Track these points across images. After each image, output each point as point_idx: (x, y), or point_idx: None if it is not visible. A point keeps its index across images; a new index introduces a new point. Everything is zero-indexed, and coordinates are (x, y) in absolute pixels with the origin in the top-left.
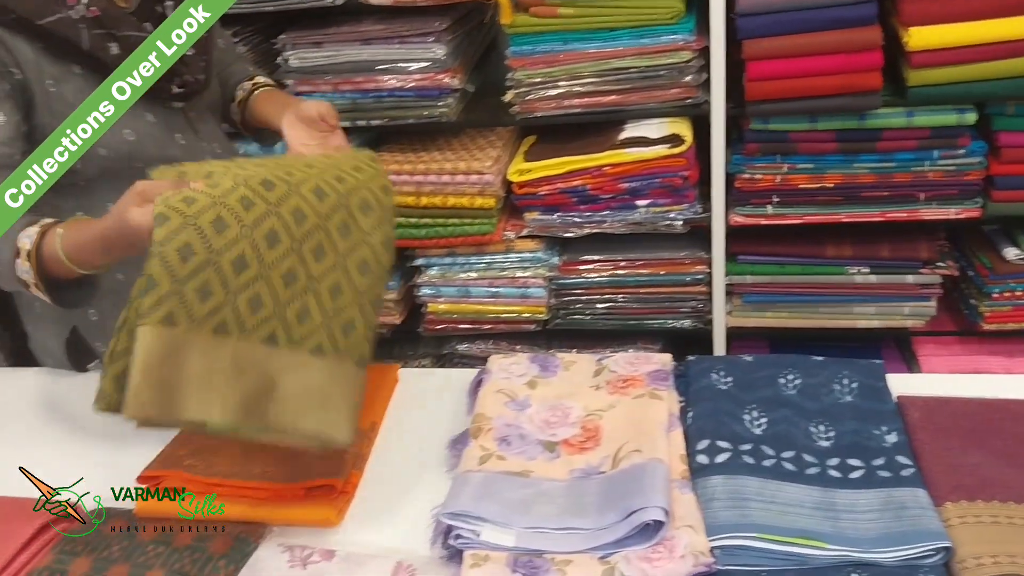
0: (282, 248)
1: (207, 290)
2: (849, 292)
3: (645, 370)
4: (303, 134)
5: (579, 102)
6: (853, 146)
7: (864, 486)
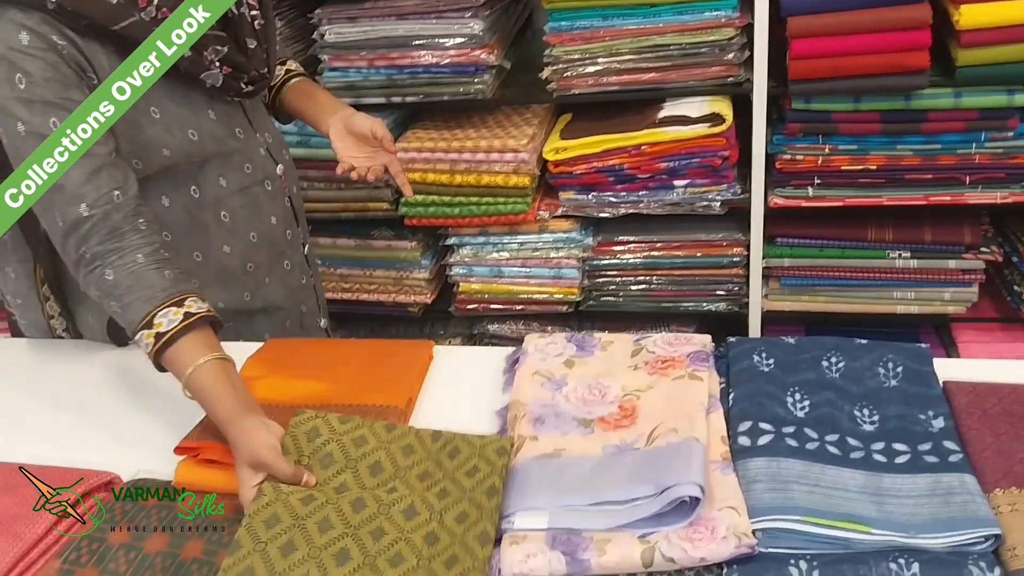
0: None
1: None
2: (889, 277)
3: (685, 351)
4: (352, 147)
5: (617, 79)
6: (897, 127)
7: (910, 471)
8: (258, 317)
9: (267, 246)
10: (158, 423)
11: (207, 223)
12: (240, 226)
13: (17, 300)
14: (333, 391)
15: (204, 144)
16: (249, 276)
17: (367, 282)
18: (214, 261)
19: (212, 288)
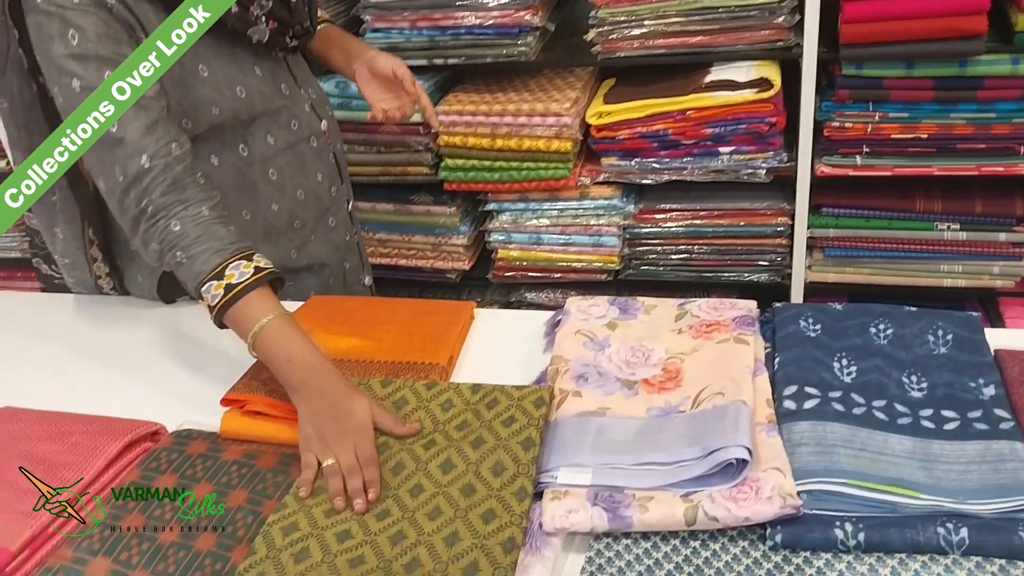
0: None
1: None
2: (936, 249)
3: (730, 315)
4: (378, 91)
5: (664, 42)
6: (951, 95)
7: (960, 438)
8: (303, 274)
9: (313, 203)
10: (204, 376)
11: (256, 181)
12: (287, 183)
13: (65, 260)
14: (376, 348)
15: (252, 101)
16: (296, 233)
17: (405, 247)
18: (262, 219)
19: (260, 246)
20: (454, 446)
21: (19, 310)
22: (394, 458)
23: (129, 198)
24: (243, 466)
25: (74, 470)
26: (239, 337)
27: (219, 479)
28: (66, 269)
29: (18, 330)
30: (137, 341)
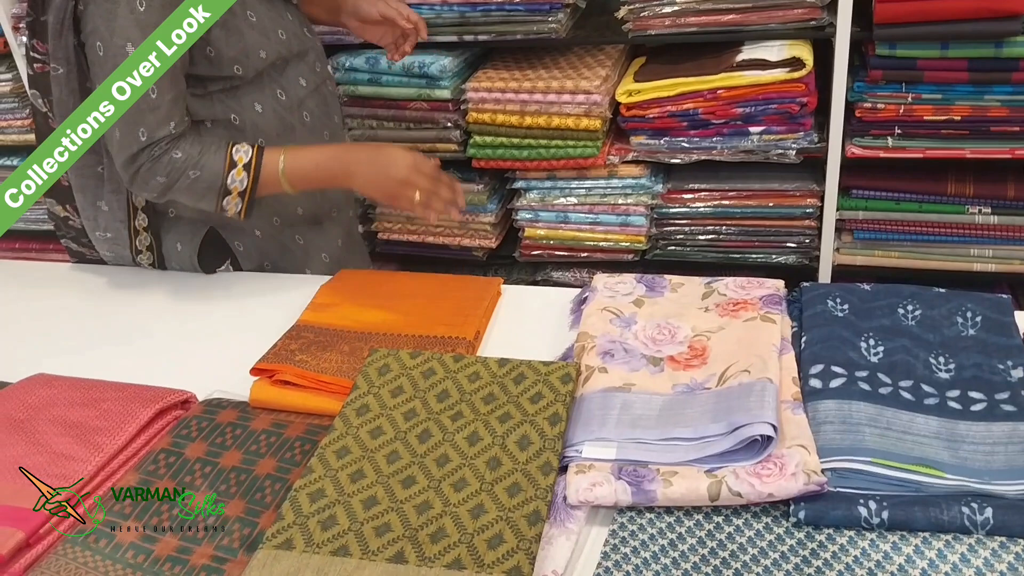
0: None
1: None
2: (967, 233)
3: (757, 294)
4: (380, 34)
5: (695, 20)
6: (986, 76)
7: (986, 419)
8: (327, 224)
9: (333, 136)
10: (235, 346)
11: (294, 124)
12: (317, 125)
13: (107, 234)
14: (404, 322)
15: (290, 43)
16: None
17: (433, 224)
18: None
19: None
20: (481, 419)
21: (53, 280)
22: (421, 426)
23: (144, 155)
24: (271, 435)
25: (107, 435)
26: (275, 192)
27: (248, 447)
28: (107, 244)
29: (53, 299)
30: (168, 311)
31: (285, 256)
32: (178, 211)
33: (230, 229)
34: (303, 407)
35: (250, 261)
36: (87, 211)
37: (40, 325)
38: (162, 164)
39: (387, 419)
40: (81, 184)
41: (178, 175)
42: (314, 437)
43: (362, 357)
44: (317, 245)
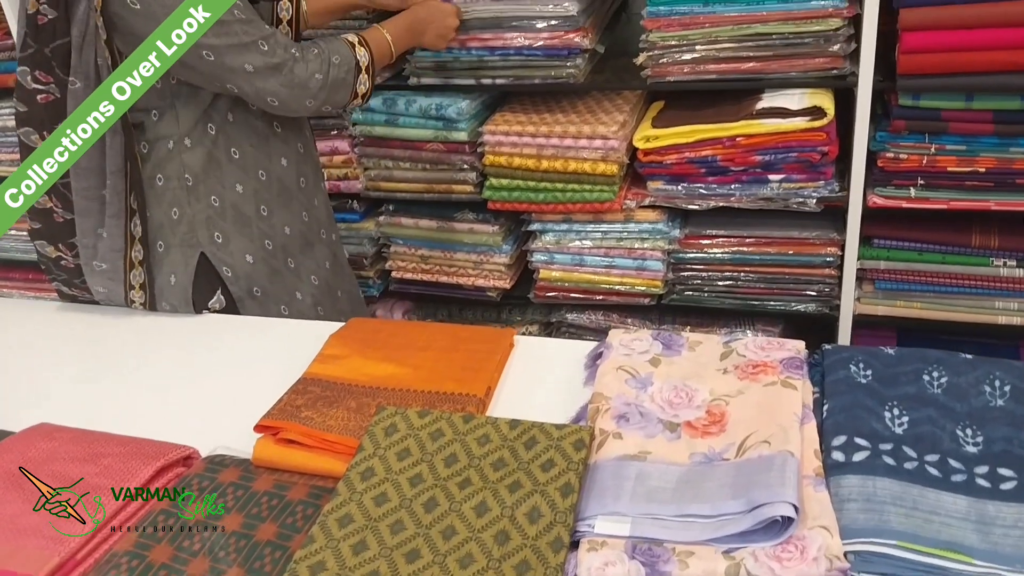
0: None
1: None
2: (992, 285)
3: (777, 356)
4: None
5: (715, 68)
6: (1011, 128)
7: (1016, 499)
8: (317, 246)
9: (310, 160)
10: (238, 400)
11: (267, 134)
12: (291, 136)
13: (103, 265)
14: (413, 376)
15: None
16: (303, 193)
17: (447, 264)
18: (276, 177)
19: (278, 212)
20: (490, 488)
21: (46, 319)
22: (427, 493)
23: (292, 62)
24: (273, 497)
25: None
26: (386, 62)
27: (249, 510)
28: (101, 278)
29: (47, 340)
30: (170, 358)
31: (275, 281)
32: (167, 243)
33: (219, 255)
34: (307, 468)
35: (239, 287)
36: (87, 239)
37: (35, 367)
38: (309, 63)
39: (392, 484)
40: (85, 207)
41: (328, 66)
42: (317, 501)
43: (369, 414)
44: (307, 268)
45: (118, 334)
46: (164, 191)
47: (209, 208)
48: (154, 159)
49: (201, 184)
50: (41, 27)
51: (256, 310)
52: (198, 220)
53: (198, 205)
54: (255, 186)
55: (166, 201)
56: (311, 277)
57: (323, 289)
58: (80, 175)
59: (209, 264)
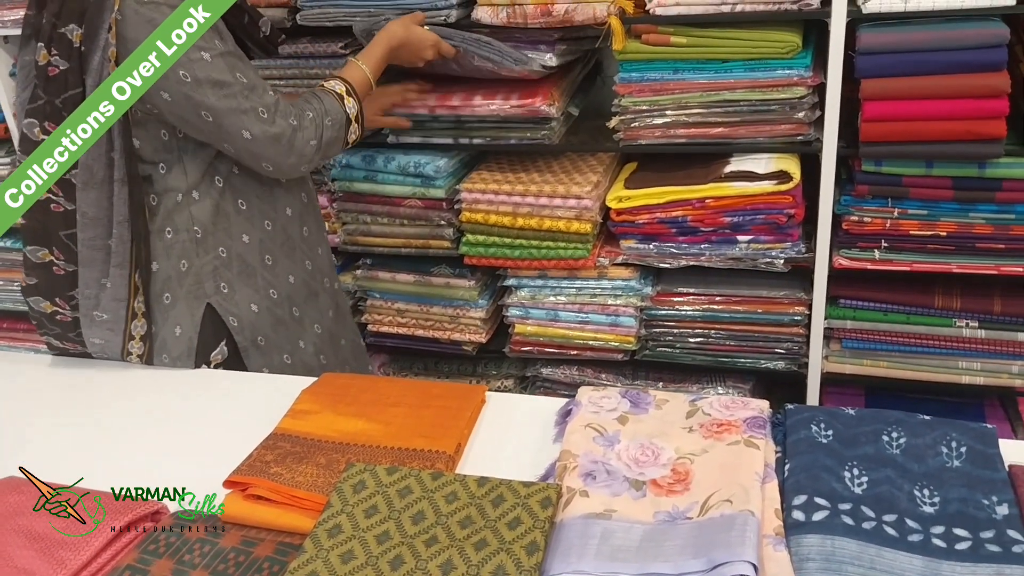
0: None
1: None
2: (955, 346)
3: (742, 416)
4: None
5: (685, 132)
6: (970, 195)
7: (971, 559)
8: (321, 296)
9: (312, 210)
10: (209, 455)
11: (272, 184)
12: (294, 185)
13: (104, 315)
14: (383, 432)
15: None
16: (305, 242)
17: (424, 318)
18: (280, 226)
19: (282, 261)
20: (456, 546)
21: (34, 372)
22: (394, 551)
23: (291, 131)
24: (240, 553)
25: (71, 550)
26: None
27: (215, 566)
28: (100, 329)
29: (30, 392)
30: (145, 411)
31: (279, 330)
32: (174, 295)
33: (225, 305)
34: (276, 524)
35: (244, 337)
36: (89, 289)
37: (15, 419)
38: (305, 130)
39: (359, 541)
40: (89, 257)
41: (321, 129)
42: (284, 558)
43: (338, 471)
44: (311, 317)
45: (95, 387)
46: (173, 243)
47: (216, 259)
48: (163, 211)
49: (210, 236)
50: (52, 78)
51: (260, 359)
52: (205, 271)
53: (206, 256)
54: (261, 236)
55: (175, 254)
56: (315, 326)
57: (325, 338)
58: (87, 225)
59: (215, 314)
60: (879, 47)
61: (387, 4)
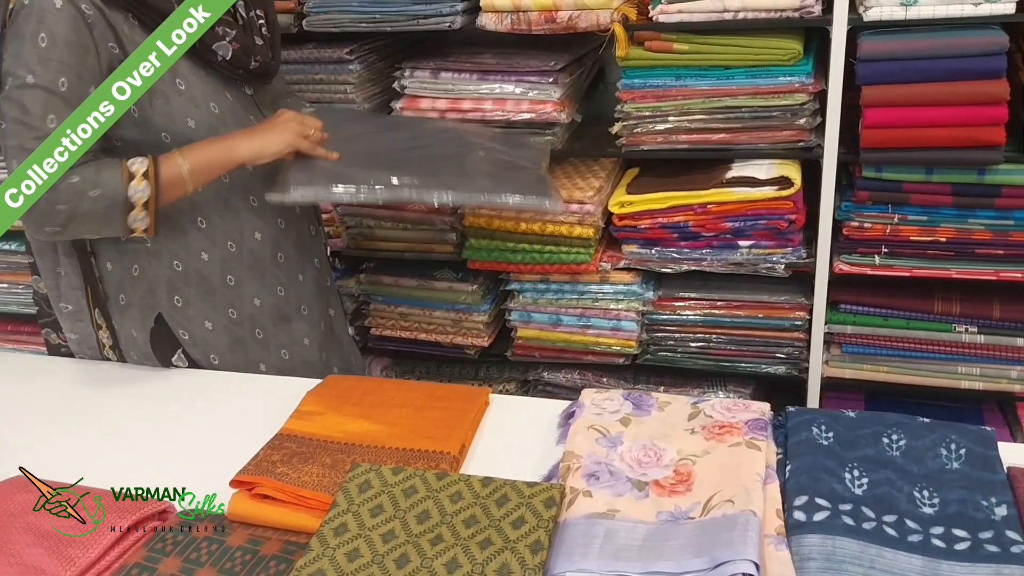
0: None
1: None
2: (954, 351)
3: (743, 418)
4: None
5: (687, 138)
6: (969, 201)
7: (970, 559)
8: (296, 322)
9: (294, 236)
10: (214, 455)
11: (238, 208)
12: (267, 211)
13: (68, 306)
14: (388, 433)
15: (225, 118)
16: (280, 269)
17: (426, 322)
18: (247, 249)
19: (248, 282)
20: (461, 545)
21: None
22: (399, 549)
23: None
24: (247, 552)
25: (79, 547)
26: (179, 195)
27: (223, 564)
28: (69, 321)
29: (29, 393)
30: (149, 412)
31: (236, 350)
32: (128, 298)
33: (177, 318)
34: (281, 523)
35: (197, 351)
36: (49, 279)
37: (15, 417)
38: (59, 192)
39: (365, 540)
40: (39, 247)
41: (79, 199)
42: (290, 556)
43: (343, 471)
44: (279, 341)
45: (99, 387)
46: (126, 247)
47: (171, 271)
48: None
49: (163, 248)
50: None
51: None
52: (158, 282)
53: (160, 267)
54: (223, 255)
55: (127, 258)
56: (281, 351)
57: (296, 364)
58: None
59: (167, 325)
60: (880, 54)
61: (392, 10)
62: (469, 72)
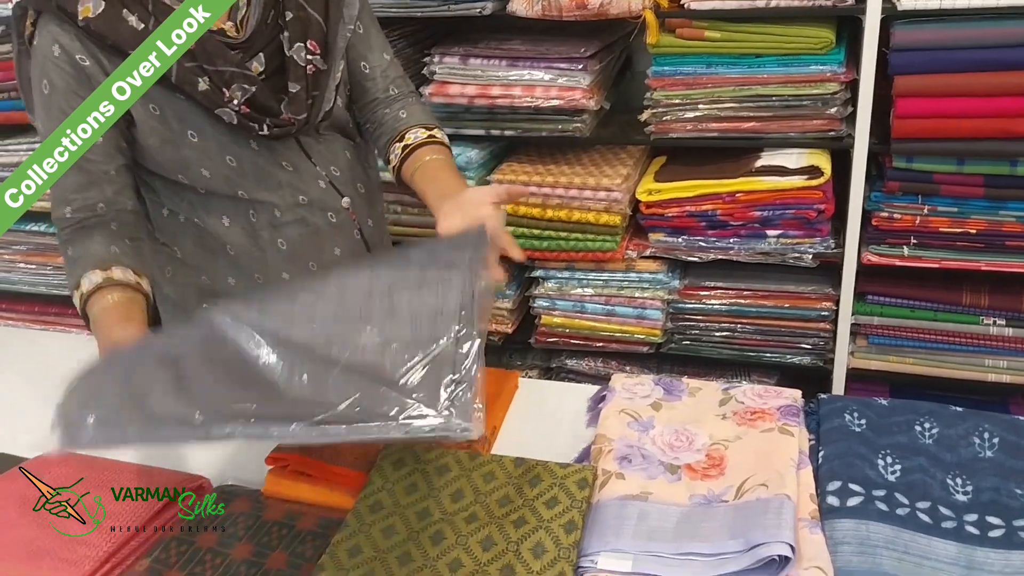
0: None
1: None
2: (982, 343)
3: (775, 404)
4: None
5: (717, 126)
6: (1001, 192)
7: (1005, 546)
8: None
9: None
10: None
11: (264, 247)
12: (298, 254)
13: None
14: None
15: (244, 170)
16: None
17: None
18: (274, 288)
19: None
20: (495, 523)
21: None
22: (434, 527)
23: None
24: (283, 527)
25: (122, 519)
26: None
27: (259, 539)
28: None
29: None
30: None
31: None
32: (164, 290)
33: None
34: (316, 500)
35: None
36: None
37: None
38: (64, 254)
39: (400, 518)
40: None
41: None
42: (326, 531)
43: (377, 448)
44: None
45: None
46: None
47: (200, 281)
48: None
49: (192, 262)
50: None
51: None
52: (189, 287)
53: (189, 275)
54: (248, 284)
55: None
56: None
57: None
58: None
59: None
60: (913, 44)
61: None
62: (498, 58)
